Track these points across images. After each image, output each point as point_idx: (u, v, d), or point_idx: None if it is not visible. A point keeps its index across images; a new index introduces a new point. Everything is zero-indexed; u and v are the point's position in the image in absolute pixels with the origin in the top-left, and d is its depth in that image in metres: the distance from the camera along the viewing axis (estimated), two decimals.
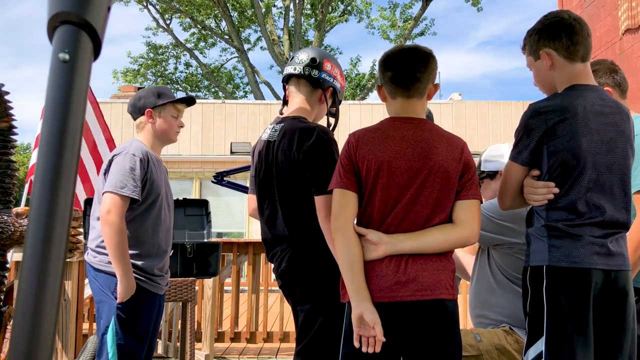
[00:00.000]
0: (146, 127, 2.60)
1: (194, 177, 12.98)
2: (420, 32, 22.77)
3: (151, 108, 2.58)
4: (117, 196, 2.36)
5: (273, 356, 4.74)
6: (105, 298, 2.44)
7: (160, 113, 2.59)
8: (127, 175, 2.38)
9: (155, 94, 2.61)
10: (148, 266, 2.49)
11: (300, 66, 2.24)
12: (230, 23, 21.74)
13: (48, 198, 0.44)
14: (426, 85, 1.86)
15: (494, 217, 2.22)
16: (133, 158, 2.42)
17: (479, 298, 2.31)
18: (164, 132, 2.60)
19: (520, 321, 2.20)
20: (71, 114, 0.46)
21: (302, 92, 2.25)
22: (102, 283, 2.45)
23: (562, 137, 1.76)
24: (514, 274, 2.20)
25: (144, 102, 2.59)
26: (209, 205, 3.94)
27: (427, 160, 1.75)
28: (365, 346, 1.67)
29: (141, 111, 2.60)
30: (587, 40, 1.86)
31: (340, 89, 2.33)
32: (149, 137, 2.60)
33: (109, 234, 2.34)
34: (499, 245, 2.23)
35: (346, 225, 1.75)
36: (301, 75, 2.24)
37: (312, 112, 2.25)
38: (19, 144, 3.37)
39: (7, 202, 2.45)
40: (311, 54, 2.27)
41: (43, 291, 0.43)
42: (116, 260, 2.35)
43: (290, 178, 2.10)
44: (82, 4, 0.47)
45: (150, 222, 2.51)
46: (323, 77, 2.24)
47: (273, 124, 2.24)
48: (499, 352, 2.11)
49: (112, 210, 2.35)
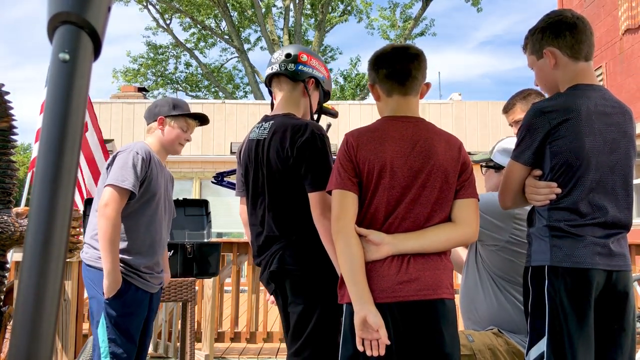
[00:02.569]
0: (155, 133, 2.72)
1: (194, 177, 12.98)
2: (420, 32, 22.79)
3: (164, 116, 2.71)
4: (116, 189, 2.43)
5: (273, 356, 4.74)
6: (95, 293, 2.50)
7: (171, 122, 2.71)
8: (129, 170, 2.46)
9: (171, 105, 2.74)
10: (135, 263, 2.53)
11: (277, 64, 2.25)
12: (230, 23, 21.75)
13: (48, 198, 0.44)
14: (420, 83, 1.87)
15: (481, 211, 2.21)
16: (136, 156, 2.50)
17: (468, 295, 2.31)
18: (170, 141, 2.72)
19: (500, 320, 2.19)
20: (71, 114, 0.46)
21: (284, 89, 2.24)
22: (92, 279, 2.51)
23: (565, 137, 1.75)
24: (498, 271, 2.20)
25: (159, 110, 2.73)
26: (209, 205, 3.94)
27: (427, 160, 1.75)
28: (369, 349, 1.66)
29: (155, 117, 2.72)
30: (590, 39, 1.86)
31: (325, 78, 2.31)
32: (155, 143, 2.71)
33: (104, 227, 2.40)
34: (482, 241, 2.22)
35: (347, 227, 1.74)
36: (280, 72, 2.24)
37: (299, 107, 2.23)
38: (19, 144, 3.37)
39: (7, 202, 2.45)
40: (285, 50, 2.28)
41: (43, 291, 0.43)
42: (105, 253, 2.40)
43: (282, 176, 2.08)
44: (82, 4, 0.47)
45: (144, 220, 2.56)
46: (300, 69, 2.23)
47: (261, 123, 2.22)
48: (491, 352, 2.11)
49: (109, 204, 2.41)
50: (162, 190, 2.64)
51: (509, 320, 2.18)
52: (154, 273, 2.63)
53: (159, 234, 2.63)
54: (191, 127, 2.79)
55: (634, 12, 10.19)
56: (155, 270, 2.64)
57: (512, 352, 2.13)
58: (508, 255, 2.17)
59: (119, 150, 2.57)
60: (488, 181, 2.41)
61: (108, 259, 2.40)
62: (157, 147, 2.70)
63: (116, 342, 2.47)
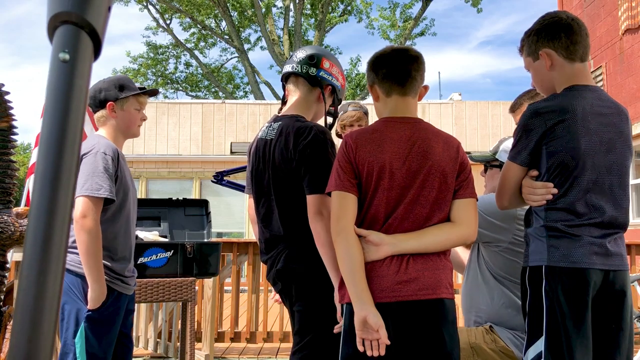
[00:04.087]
0: (108, 122, 2.48)
1: (194, 177, 12.98)
2: (420, 32, 22.80)
3: (113, 101, 2.46)
4: (92, 199, 2.24)
5: (273, 356, 4.74)
6: (70, 299, 2.32)
7: (122, 106, 2.47)
8: (102, 176, 2.27)
9: (117, 86, 2.48)
10: (120, 268, 2.40)
11: (298, 64, 2.23)
12: (230, 23, 21.75)
13: (48, 198, 0.44)
14: (419, 84, 1.88)
15: (483, 213, 2.22)
16: (105, 157, 2.30)
17: (469, 294, 2.32)
18: (127, 126, 2.50)
19: (502, 320, 2.20)
20: (71, 114, 0.46)
21: (300, 90, 2.24)
22: (71, 283, 2.33)
23: (562, 137, 1.76)
24: (500, 272, 2.21)
25: (105, 95, 2.46)
26: (209, 205, 3.94)
27: (425, 160, 1.76)
28: (369, 349, 1.67)
29: (102, 104, 2.47)
30: (585, 40, 1.87)
31: (340, 87, 2.31)
32: (112, 132, 2.48)
33: (85, 240, 2.21)
34: (487, 243, 2.23)
35: (347, 228, 1.74)
36: (299, 73, 2.23)
37: (310, 111, 2.24)
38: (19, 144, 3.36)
39: (7, 202, 2.45)
40: (309, 51, 2.26)
41: (43, 291, 0.43)
42: (89, 266, 2.23)
43: (287, 177, 2.09)
44: (82, 4, 0.47)
45: (122, 221, 2.41)
46: (321, 75, 2.23)
47: (270, 122, 2.23)
48: (473, 350, 2.11)
49: (87, 215, 2.22)
50: (130, 185, 2.48)
51: (508, 320, 2.18)
52: (133, 275, 2.53)
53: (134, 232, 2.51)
54: (143, 105, 2.53)
55: (634, 12, 10.19)
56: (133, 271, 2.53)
57: (500, 350, 2.13)
58: (511, 255, 2.18)
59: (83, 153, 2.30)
60: (492, 180, 2.41)
61: (93, 272, 2.24)
62: (114, 137, 2.46)
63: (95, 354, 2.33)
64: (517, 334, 2.15)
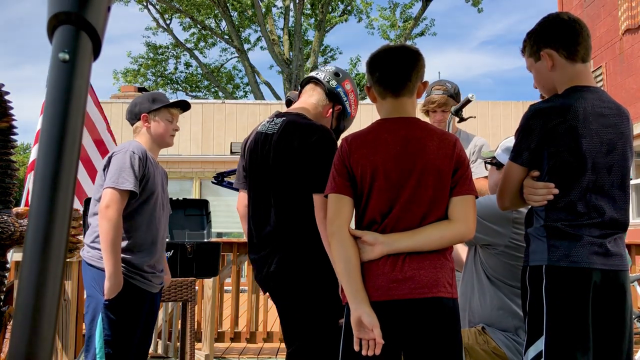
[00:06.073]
0: (142, 131, 2.72)
1: (194, 177, 12.98)
2: (420, 32, 22.78)
3: (146, 113, 2.70)
4: (117, 191, 2.44)
5: (273, 356, 4.74)
6: (94, 293, 2.51)
7: (155, 117, 2.71)
8: (127, 171, 2.47)
9: (150, 100, 2.74)
10: (138, 262, 2.55)
11: (324, 73, 2.31)
12: (230, 23, 21.74)
13: (48, 198, 0.44)
14: (415, 84, 1.86)
15: (479, 216, 2.22)
16: (133, 155, 2.51)
17: (464, 294, 2.32)
18: (160, 135, 2.72)
19: (493, 321, 2.20)
20: (71, 114, 0.46)
21: (315, 97, 2.29)
22: (92, 278, 2.52)
23: (563, 138, 1.76)
24: (495, 274, 2.20)
25: (140, 108, 2.72)
26: (209, 205, 3.94)
27: (418, 159, 1.75)
28: (365, 349, 1.67)
29: (137, 117, 2.72)
30: (587, 41, 1.87)
31: (349, 115, 2.35)
32: (146, 141, 2.71)
33: (106, 229, 2.41)
34: (485, 245, 2.23)
35: (341, 229, 1.75)
36: (321, 80, 2.29)
37: (314, 118, 2.24)
38: (19, 144, 3.37)
39: (7, 202, 2.45)
40: (337, 68, 2.35)
41: (43, 291, 0.43)
42: (108, 255, 2.40)
43: (286, 173, 2.08)
44: (82, 4, 0.47)
45: (144, 217, 2.58)
46: (338, 91, 2.28)
47: (272, 117, 2.23)
48: (465, 351, 2.11)
49: (111, 206, 2.43)
50: (160, 188, 2.67)
51: (500, 322, 2.18)
52: (156, 272, 2.65)
53: (159, 231, 2.66)
54: (175, 116, 2.78)
55: (634, 12, 10.19)
56: (157, 269, 2.66)
57: (492, 351, 2.13)
58: (507, 259, 2.18)
59: (114, 151, 2.58)
60: (489, 178, 2.42)
61: (110, 261, 2.41)
62: (148, 145, 2.70)
63: (112, 344, 2.47)
64: (509, 336, 2.15)
